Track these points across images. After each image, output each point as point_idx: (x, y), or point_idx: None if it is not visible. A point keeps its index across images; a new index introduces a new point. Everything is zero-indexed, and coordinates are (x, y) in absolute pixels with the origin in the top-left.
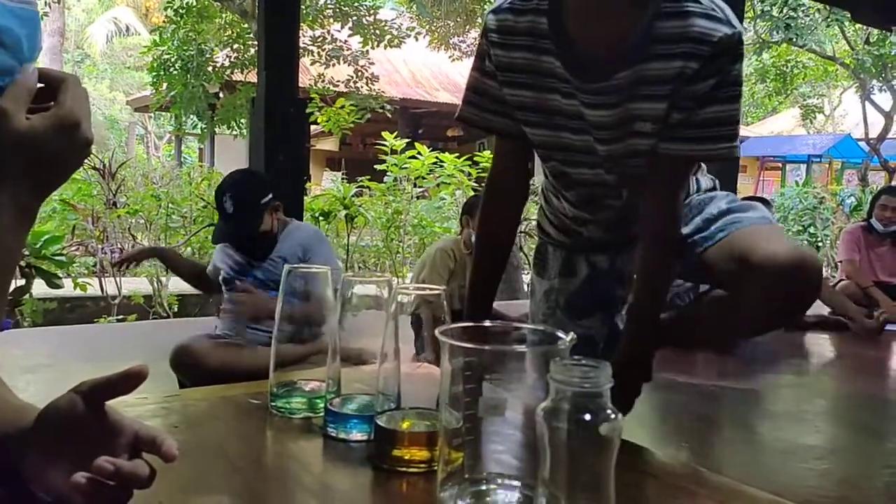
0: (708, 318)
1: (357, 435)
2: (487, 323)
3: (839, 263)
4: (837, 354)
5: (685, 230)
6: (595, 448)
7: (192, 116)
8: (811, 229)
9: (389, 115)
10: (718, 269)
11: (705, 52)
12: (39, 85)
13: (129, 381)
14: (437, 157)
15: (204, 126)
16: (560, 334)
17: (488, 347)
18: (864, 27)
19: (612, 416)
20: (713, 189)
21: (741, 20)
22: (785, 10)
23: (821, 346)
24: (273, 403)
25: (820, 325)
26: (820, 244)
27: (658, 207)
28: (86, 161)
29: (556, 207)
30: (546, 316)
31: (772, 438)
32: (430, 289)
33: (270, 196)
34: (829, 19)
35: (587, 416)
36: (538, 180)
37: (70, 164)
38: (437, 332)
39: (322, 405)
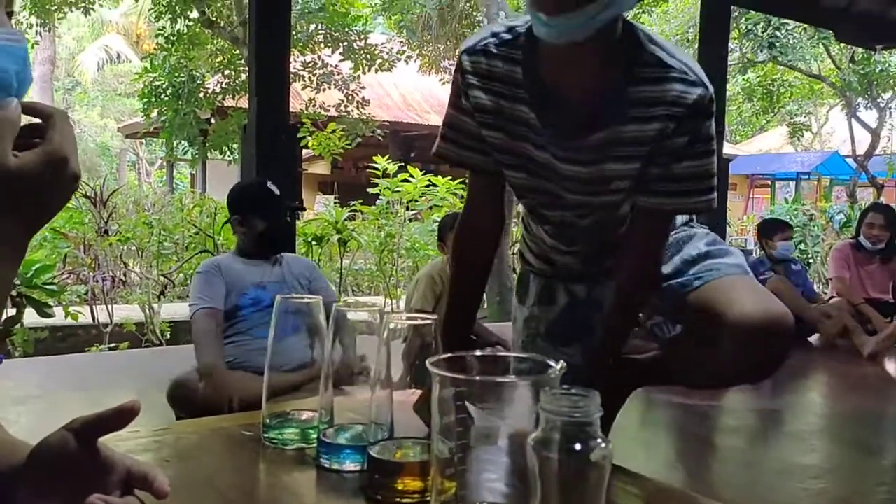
0: (683, 362)
1: (350, 465)
2: (479, 352)
3: (830, 281)
4: (830, 371)
5: (665, 269)
6: (586, 477)
7: (183, 142)
8: (802, 246)
9: (381, 139)
10: (693, 317)
11: (681, 113)
12: (31, 120)
13: (121, 417)
14: (429, 180)
15: (195, 151)
16: (550, 363)
17: (478, 378)
18: (849, 46)
19: (603, 445)
20: (690, 222)
21: (726, 41)
22: (769, 30)
23: (813, 363)
24: (266, 434)
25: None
26: (811, 261)
27: (635, 259)
28: (77, 189)
29: (536, 234)
30: (526, 343)
31: (767, 458)
32: (421, 317)
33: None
34: (813, 39)
35: (577, 446)
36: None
37: (58, 200)
38: (427, 363)
39: (315, 435)
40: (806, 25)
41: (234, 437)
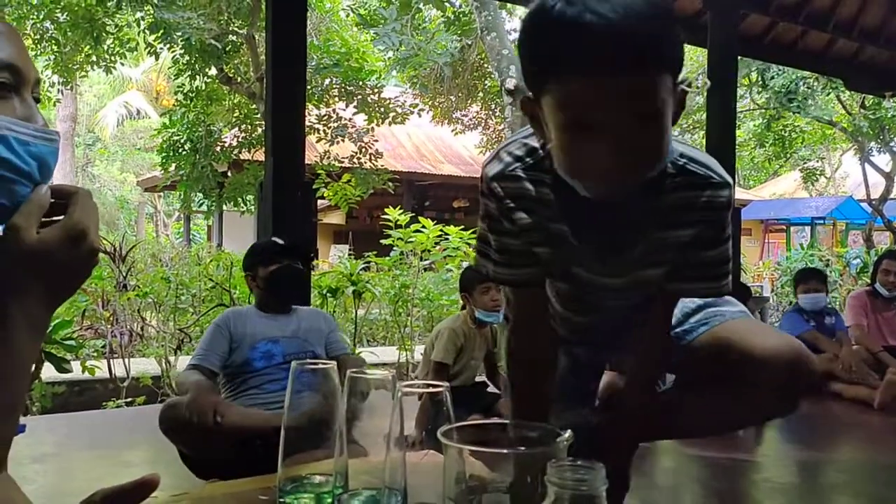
0: (694, 408)
1: None
2: (488, 421)
3: (848, 329)
4: (849, 422)
5: None
6: None
7: (199, 194)
8: None
9: (391, 192)
10: (704, 363)
11: (713, 216)
12: (52, 201)
13: (141, 489)
14: (441, 230)
15: (211, 203)
16: (558, 432)
17: (487, 450)
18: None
19: None
20: None
21: (734, 90)
22: (788, 84)
23: (832, 414)
24: (282, 500)
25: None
26: (829, 306)
27: (654, 337)
28: (97, 264)
29: None
30: None
31: None
32: (434, 385)
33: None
34: (825, 88)
35: None
36: None
37: (79, 273)
38: (438, 433)
39: (330, 500)
40: (817, 76)
41: (251, 502)
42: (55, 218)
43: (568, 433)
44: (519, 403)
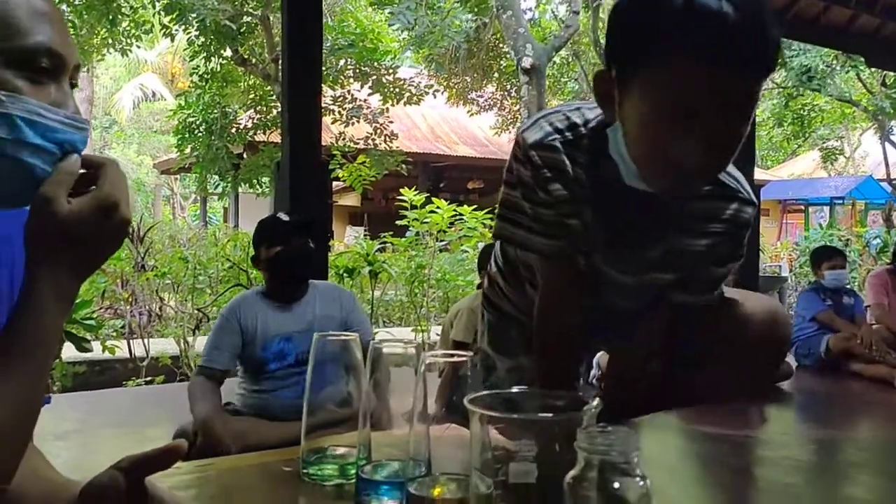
0: (684, 381)
1: (389, 502)
2: (515, 389)
3: (868, 308)
4: (869, 401)
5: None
6: None
7: (215, 176)
8: None
9: (406, 173)
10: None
11: (734, 231)
12: (81, 171)
13: (168, 456)
14: (455, 210)
15: (227, 185)
16: (586, 400)
17: (515, 416)
18: (880, 70)
19: (641, 483)
20: None
21: None
22: (807, 63)
23: (852, 393)
24: (305, 470)
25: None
26: (848, 286)
27: (652, 336)
28: (128, 234)
29: (529, 293)
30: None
31: (807, 490)
32: (458, 355)
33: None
34: (845, 65)
35: (615, 485)
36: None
37: (109, 245)
38: (465, 400)
39: (353, 471)
40: (838, 53)
41: (274, 474)
42: (85, 190)
43: (597, 401)
44: (546, 378)
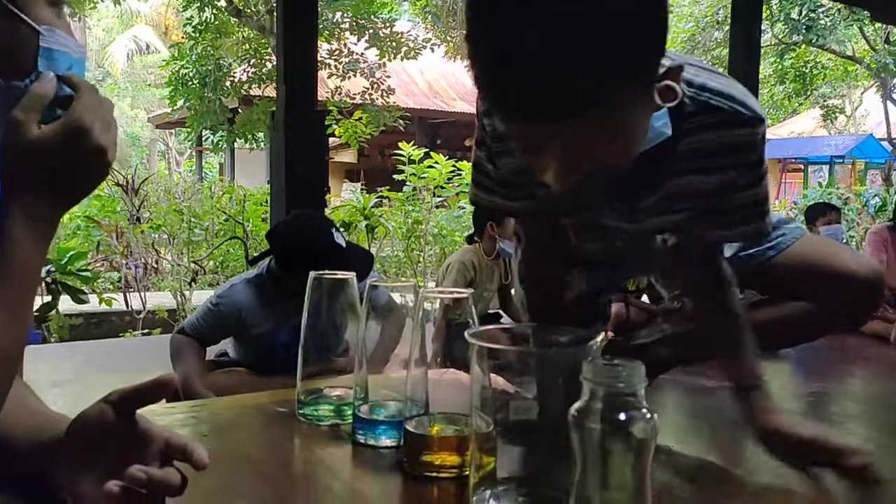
0: (766, 323)
1: (386, 441)
2: (515, 325)
3: None
4: (865, 356)
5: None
6: (630, 449)
7: (208, 131)
8: None
9: (402, 129)
10: (788, 278)
11: (742, 158)
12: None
13: (157, 389)
14: (454, 166)
15: (220, 139)
16: (590, 335)
17: (517, 349)
18: (884, 26)
19: (648, 416)
20: None
21: (759, 23)
22: (805, 13)
23: (848, 347)
24: (300, 411)
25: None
26: (844, 243)
27: (705, 288)
28: (108, 177)
29: None
30: None
31: None
32: (457, 292)
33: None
34: (848, 20)
35: (621, 416)
36: None
37: (85, 174)
38: (466, 334)
39: (350, 412)
40: (841, 6)
41: (269, 414)
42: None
43: (602, 335)
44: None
